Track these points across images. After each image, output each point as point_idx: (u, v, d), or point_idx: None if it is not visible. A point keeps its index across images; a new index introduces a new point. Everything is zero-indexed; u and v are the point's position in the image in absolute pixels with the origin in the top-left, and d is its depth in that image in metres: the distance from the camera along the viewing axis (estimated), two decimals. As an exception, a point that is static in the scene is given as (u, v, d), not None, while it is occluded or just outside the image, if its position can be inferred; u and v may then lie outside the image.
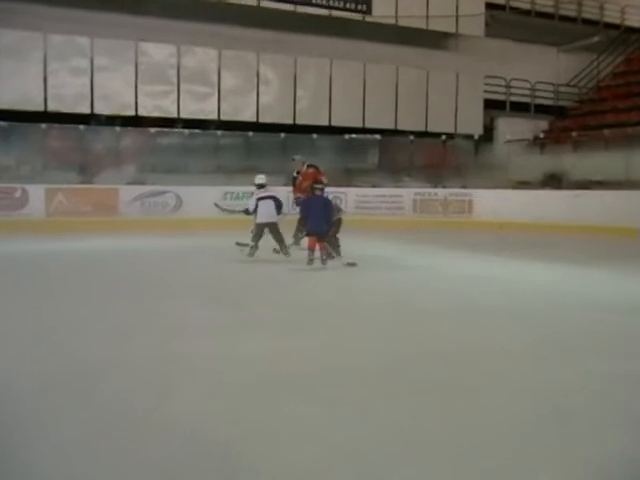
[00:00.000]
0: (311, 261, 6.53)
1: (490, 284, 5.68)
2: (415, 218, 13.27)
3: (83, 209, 11.44)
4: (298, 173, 8.64)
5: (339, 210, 7.45)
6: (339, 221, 7.23)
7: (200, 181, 12.45)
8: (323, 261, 6.55)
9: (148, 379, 2.85)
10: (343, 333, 3.72)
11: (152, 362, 3.10)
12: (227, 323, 3.99)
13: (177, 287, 5.36)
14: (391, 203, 13.43)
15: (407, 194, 13.54)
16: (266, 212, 7.04)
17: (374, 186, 13.97)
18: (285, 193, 9.97)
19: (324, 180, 7.48)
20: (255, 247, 7.06)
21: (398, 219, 13.03)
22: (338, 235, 7.16)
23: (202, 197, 12.08)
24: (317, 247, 6.59)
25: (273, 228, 7.08)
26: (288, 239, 7.34)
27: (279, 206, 7.15)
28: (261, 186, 7.29)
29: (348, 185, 13.48)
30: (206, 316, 4.17)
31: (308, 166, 8.58)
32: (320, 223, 6.49)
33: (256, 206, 7.09)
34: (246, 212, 7.30)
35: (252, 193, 7.44)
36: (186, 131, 13.25)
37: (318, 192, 6.80)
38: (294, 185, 8.69)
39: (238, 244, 7.18)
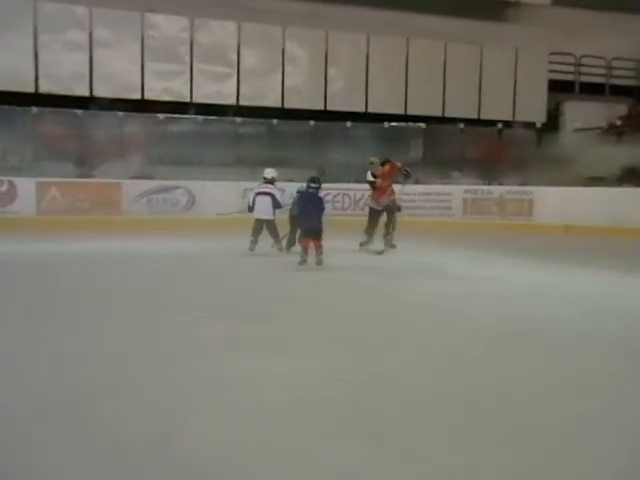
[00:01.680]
0: (304, 262, 6.93)
1: (558, 300, 5.52)
2: (465, 220, 13.21)
3: (80, 206, 11.58)
4: (374, 177, 8.96)
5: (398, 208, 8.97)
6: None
7: (216, 175, 12.51)
8: (318, 262, 6.95)
9: (153, 405, 2.81)
10: (377, 357, 3.63)
11: (158, 385, 3.06)
12: (244, 339, 3.95)
13: (186, 297, 5.35)
14: (437, 202, 13.35)
15: (456, 192, 13.47)
16: (261, 208, 8.04)
17: (417, 182, 13.79)
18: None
19: (407, 169, 9.10)
20: (254, 241, 8.00)
21: (445, 221, 12.95)
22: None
23: (218, 194, 12.20)
24: (311, 247, 7.00)
25: (269, 225, 8.05)
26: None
27: (276, 204, 7.97)
28: (268, 180, 8.16)
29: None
30: (220, 331, 4.14)
31: (382, 164, 8.97)
32: (316, 221, 6.99)
33: (254, 201, 8.06)
34: (249, 209, 8.20)
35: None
36: (200, 118, 13.34)
37: (312, 190, 7.28)
38: (374, 188, 8.99)
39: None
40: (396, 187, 9.28)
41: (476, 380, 3.26)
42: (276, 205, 8.01)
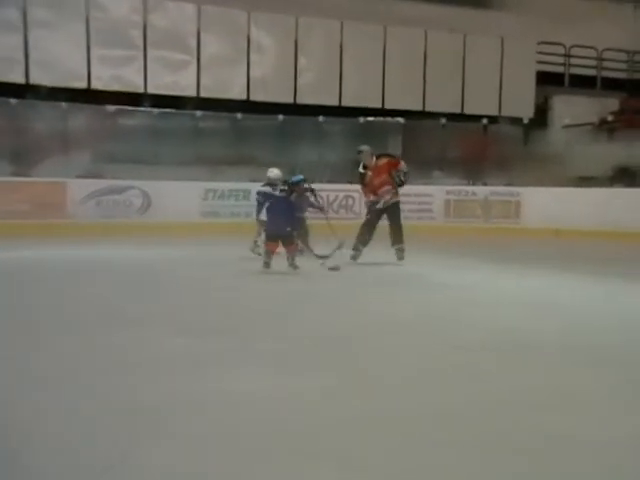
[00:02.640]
0: (267, 265, 7.27)
1: (547, 311, 5.55)
2: (447, 224, 13.35)
3: (17, 209, 11.36)
4: (365, 168, 8.30)
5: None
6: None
7: (174, 175, 12.43)
8: (293, 266, 7.29)
9: (98, 432, 2.74)
10: (351, 374, 3.61)
11: (104, 410, 2.99)
12: (206, 356, 3.89)
13: (144, 312, 5.24)
14: (417, 205, 13.39)
15: (437, 193, 13.58)
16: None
17: None
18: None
19: (404, 168, 8.39)
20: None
21: (425, 225, 13.02)
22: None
23: (177, 195, 12.12)
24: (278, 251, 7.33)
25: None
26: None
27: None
28: (271, 184, 8.12)
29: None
30: (182, 349, 4.08)
31: (377, 157, 8.37)
32: (282, 224, 7.27)
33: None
34: None
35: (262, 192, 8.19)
36: (155, 110, 13.24)
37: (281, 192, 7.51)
38: (363, 184, 8.34)
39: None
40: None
41: (455, 396, 3.26)
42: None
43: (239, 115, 13.55)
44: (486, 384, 3.51)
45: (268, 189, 7.98)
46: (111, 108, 12.83)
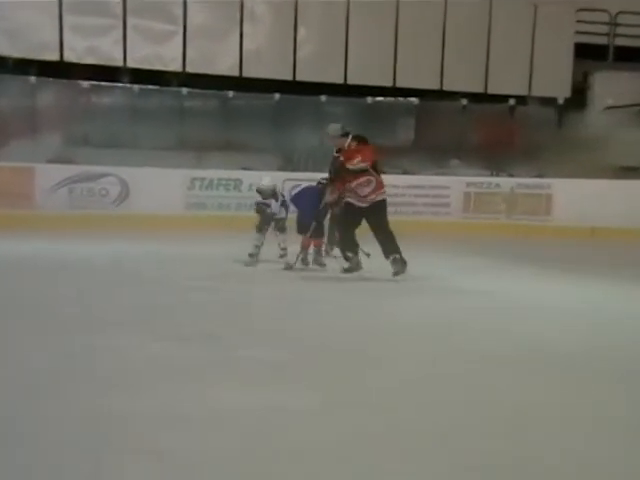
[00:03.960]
0: (306, 262, 7.90)
1: (579, 320, 5.62)
2: (466, 220, 13.32)
3: (-22, 198, 11.45)
4: (339, 152, 7.70)
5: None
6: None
7: (155, 161, 12.45)
8: (319, 262, 7.99)
9: (63, 451, 2.81)
10: (349, 390, 3.67)
11: (69, 424, 3.06)
12: (192, 367, 3.97)
13: (118, 315, 5.34)
14: (432, 198, 13.42)
15: (455, 185, 13.55)
16: None
17: (407, 172, 13.95)
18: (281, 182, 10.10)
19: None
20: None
21: (440, 221, 13.04)
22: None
23: (158, 184, 12.15)
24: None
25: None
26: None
27: None
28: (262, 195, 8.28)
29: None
30: (161, 356, 4.16)
31: (354, 138, 7.58)
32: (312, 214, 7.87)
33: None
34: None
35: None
36: (135, 87, 13.31)
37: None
38: (331, 172, 7.77)
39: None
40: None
41: (469, 414, 3.34)
42: None
43: (230, 93, 13.58)
44: (501, 400, 3.59)
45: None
46: (85, 84, 12.91)
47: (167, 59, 13.70)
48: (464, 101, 14.44)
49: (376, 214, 7.38)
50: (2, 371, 3.85)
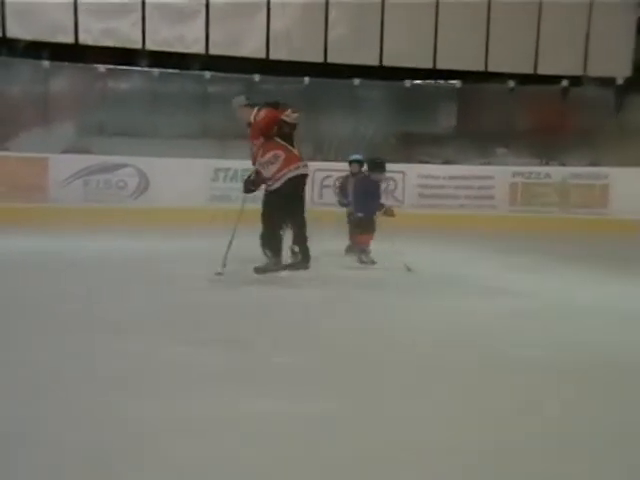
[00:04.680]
0: (365, 261, 7.81)
1: (634, 327, 5.54)
2: (512, 214, 13.28)
3: (-10, 190, 11.62)
4: (249, 126, 7.13)
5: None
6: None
7: (176, 150, 12.53)
8: (369, 260, 7.82)
9: (87, 457, 2.81)
10: (377, 400, 3.61)
11: (92, 431, 3.05)
12: (211, 371, 3.96)
13: (137, 316, 5.32)
14: (475, 190, 13.43)
15: (501, 175, 13.53)
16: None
17: (448, 162, 13.98)
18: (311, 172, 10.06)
19: (290, 117, 6.86)
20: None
21: (484, 215, 12.99)
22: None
23: (180, 175, 12.21)
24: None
25: None
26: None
27: None
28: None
29: (407, 160, 13.41)
30: (181, 361, 4.15)
31: (262, 107, 7.07)
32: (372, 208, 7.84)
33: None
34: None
35: None
36: (155, 71, 13.42)
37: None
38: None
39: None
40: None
41: (507, 433, 3.24)
42: None
43: (256, 77, 13.65)
44: (545, 417, 3.48)
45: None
46: (101, 68, 13.03)
47: (189, 41, 13.77)
48: (511, 83, 14.35)
49: (290, 194, 6.77)
50: (16, 370, 3.88)
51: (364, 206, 7.90)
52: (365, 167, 8.52)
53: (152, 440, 3.04)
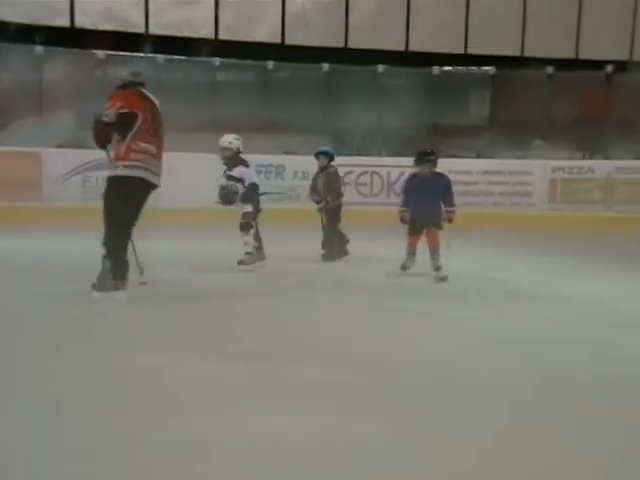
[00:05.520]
0: (406, 267, 7.65)
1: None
2: (552, 212, 13.28)
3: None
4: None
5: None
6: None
7: (184, 144, 12.47)
8: (438, 270, 7.53)
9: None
10: (407, 419, 3.56)
11: (103, 454, 3.04)
12: (234, 389, 3.95)
13: (152, 329, 5.27)
14: (511, 186, 13.41)
15: (539, 170, 13.51)
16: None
17: (481, 156, 13.98)
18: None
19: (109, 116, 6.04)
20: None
21: (521, 214, 12.99)
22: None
23: (187, 171, 12.16)
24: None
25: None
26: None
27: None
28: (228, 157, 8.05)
29: (437, 152, 13.37)
30: (200, 376, 4.14)
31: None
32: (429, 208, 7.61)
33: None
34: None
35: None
36: (160, 57, 13.37)
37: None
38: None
39: None
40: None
41: (552, 457, 3.14)
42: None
43: (270, 64, 13.66)
44: (604, 440, 3.38)
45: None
46: (100, 54, 12.98)
47: (197, 24, 13.86)
48: (550, 69, 14.28)
49: None
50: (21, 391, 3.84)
51: (416, 207, 7.65)
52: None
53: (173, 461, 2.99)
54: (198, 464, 2.96)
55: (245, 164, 8.03)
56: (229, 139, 8.15)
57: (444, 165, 13.25)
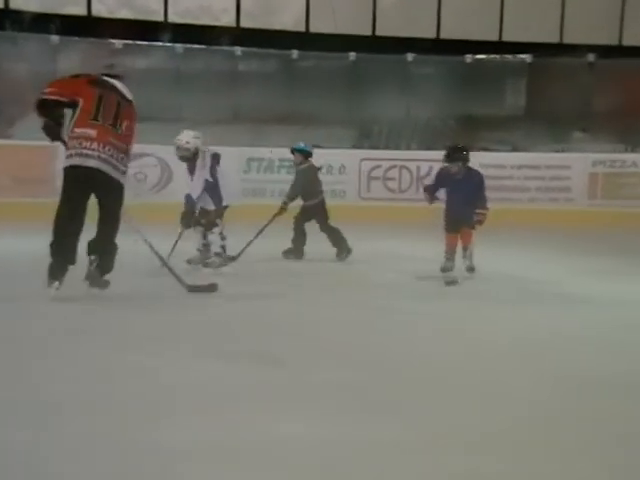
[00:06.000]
0: (448, 269, 7.49)
1: None
2: (592, 208, 13.16)
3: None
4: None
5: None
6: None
7: (203, 137, 12.46)
8: (470, 269, 7.57)
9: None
10: (429, 425, 3.56)
11: (109, 461, 3.06)
12: (238, 390, 3.98)
13: (157, 328, 5.33)
14: (548, 181, 13.31)
15: (579, 164, 13.40)
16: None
17: (517, 149, 13.91)
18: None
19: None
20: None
21: (559, 210, 12.93)
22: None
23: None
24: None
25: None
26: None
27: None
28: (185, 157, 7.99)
29: (470, 147, 13.29)
30: (207, 378, 4.19)
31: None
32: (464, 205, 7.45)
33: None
34: None
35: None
36: (179, 46, 13.42)
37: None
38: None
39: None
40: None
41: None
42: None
43: (294, 53, 13.64)
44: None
45: None
46: (118, 43, 13.00)
47: (217, 11, 13.90)
48: (591, 57, 14.14)
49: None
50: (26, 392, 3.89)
51: (450, 205, 7.55)
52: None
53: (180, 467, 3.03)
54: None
55: (205, 165, 7.92)
56: (187, 138, 7.98)
57: (476, 159, 13.23)
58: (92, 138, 6.01)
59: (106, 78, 6.32)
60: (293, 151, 8.97)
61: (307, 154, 8.86)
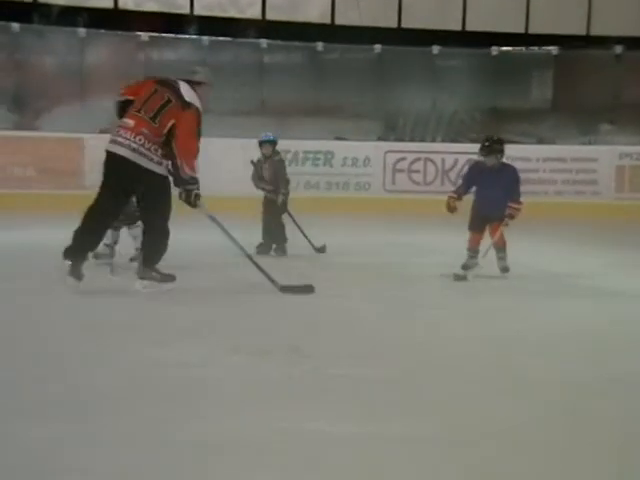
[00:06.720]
0: (469, 266, 7.21)
1: None
2: (620, 202, 13.11)
3: (16, 175, 11.72)
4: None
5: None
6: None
7: (228, 129, 12.54)
8: (504, 268, 7.29)
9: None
10: (469, 422, 3.50)
11: (147, 454, 3.07)
12: (272, 387, 3.95)
13: (185, 322, 5.31)
14: (575, 174, 13.23)
15: (605, 157, 13.33)
16: None
17: (543, 142, 13.83)
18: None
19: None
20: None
21: (587, 203, 12.85)
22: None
23: (232, 157, 12.14)
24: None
25: None
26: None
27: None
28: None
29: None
30: (236, 372, 4.15)
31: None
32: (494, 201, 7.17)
33: None
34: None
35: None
36: (205, 39, 13.38)
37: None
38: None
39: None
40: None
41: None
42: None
43: (319, 45, 13.58)
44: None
45: None
46: (144, 36, 13.04)
47: (243, 4, 13.95)
48: (618, 48, 14.00)
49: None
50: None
51: (480, 200, 7.31)
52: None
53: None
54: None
55: None
56: None
57: (506, 149, 13.20)
58: (129, 127, 6.05)
59: (174, 79, 6.33)
60: (261, 144, 8.69)
61: (275, 143, 8.67)
